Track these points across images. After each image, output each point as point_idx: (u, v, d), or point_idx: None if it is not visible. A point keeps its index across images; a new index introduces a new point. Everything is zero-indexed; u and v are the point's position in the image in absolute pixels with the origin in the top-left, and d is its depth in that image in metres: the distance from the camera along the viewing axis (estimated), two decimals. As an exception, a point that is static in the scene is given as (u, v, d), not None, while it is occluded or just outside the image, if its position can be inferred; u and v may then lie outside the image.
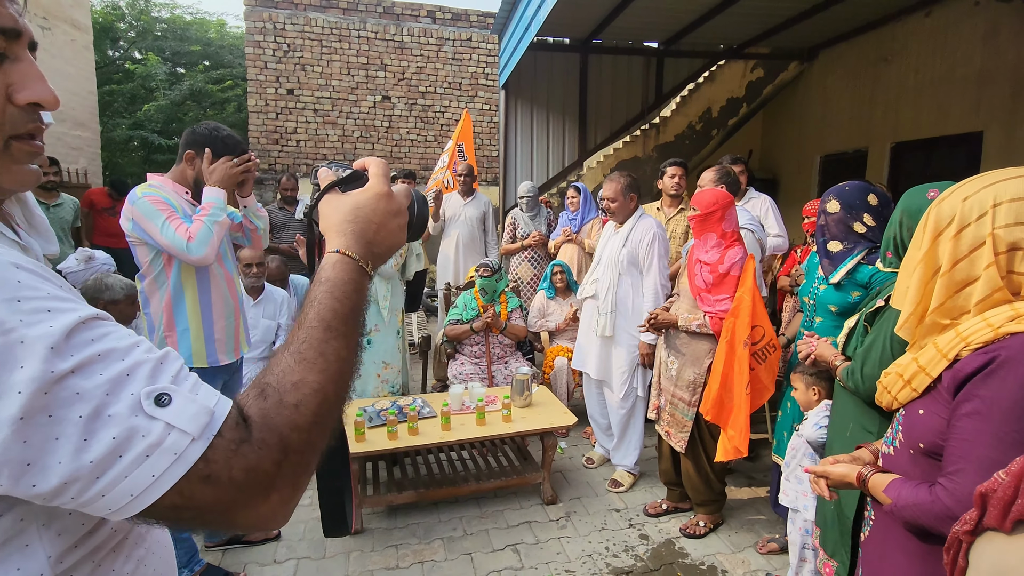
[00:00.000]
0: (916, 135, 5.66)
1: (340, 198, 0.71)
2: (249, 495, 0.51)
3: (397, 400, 3.02)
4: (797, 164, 7.39)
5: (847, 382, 1.62)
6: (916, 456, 1.11)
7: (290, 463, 0.54)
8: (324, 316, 0.61)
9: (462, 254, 4.85)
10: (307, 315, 0.61)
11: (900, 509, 1.07)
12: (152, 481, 0.48)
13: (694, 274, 2.56)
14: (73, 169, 7.39)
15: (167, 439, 0.48)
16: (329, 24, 7.86)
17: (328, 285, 0.63)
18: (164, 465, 0.48)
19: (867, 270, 1.94)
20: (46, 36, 7.19)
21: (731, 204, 2.50)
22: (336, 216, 0.70)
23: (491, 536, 2.64)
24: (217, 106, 10.64)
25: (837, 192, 2.05)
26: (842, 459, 1.31)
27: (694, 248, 2.61)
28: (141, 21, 11.76)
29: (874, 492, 1.15)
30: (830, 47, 6.71)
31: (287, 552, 2.50)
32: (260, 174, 7.95)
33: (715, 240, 2.49)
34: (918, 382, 1.09)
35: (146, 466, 0.47)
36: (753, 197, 3.48)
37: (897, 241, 1.65)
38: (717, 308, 2.45)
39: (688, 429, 2.57)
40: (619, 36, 6.45)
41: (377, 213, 0.70)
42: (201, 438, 0.50)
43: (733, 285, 2.43)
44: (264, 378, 0.56)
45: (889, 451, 1.20)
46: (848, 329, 1.79)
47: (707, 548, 2.57)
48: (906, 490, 1.07)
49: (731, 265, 2.44)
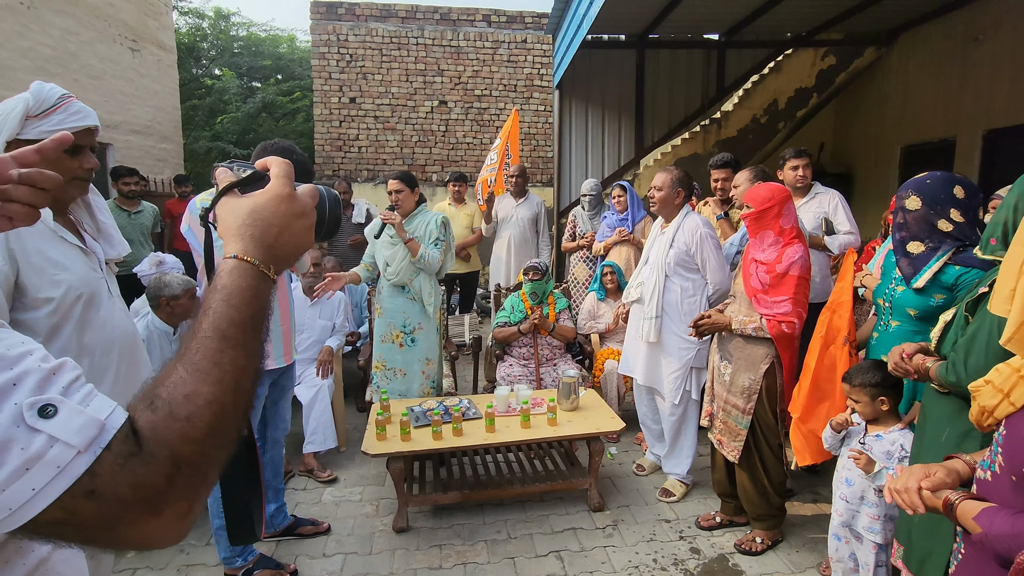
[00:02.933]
0: (1013, 121, 5.12)
1: (238, 200, 0.68)
2: (137, 512, 0.49)
3: (444, 400, 3.04)
4: (874, 156, 6.88)
5: (945, 378, 1.43)
6: (1020, 484, 0.95)
7: (183, 476, 0.52)
8: (220, 325, 0.59)
9: (514, 255, 4.85)
10: (201, 325, 0.59)
11: (992, 540, 0.93)
12: (32, 495, 0.46)
13: (749, 274, 2.42)
14: (159, 179, 8.00)
15: (49, 452, 0.47)
16: (389, 33, 8.09)
17: (224, 293, 0.61)
18: (45, 479, 0.46)
19: (953, 271, 1.75)
20: (135, 57, 7.83)
21: (788, 199, 2.34)
22: (233, 219, 0.67)
23: (535, 541, 2.60)
24: (288, 116, 11.21)
25: (916, 186, 1.85)
26: (932, 472, 1.13)
27: (749, 247, 2.47)
28: (220, 40, 12.58)
29: (963, 520, 1.01)
30: (911, 29, 6.20)
31: (336, 546, 2.57)
32: (326, 180, 8.30)
33: (772, 238, 2.35)
34: (1018, 395, 0.94)
35: (26, 479, 0.46)
36: (820, 192, 3.26)
37: (1008, 226, 1.42)
38: (775, 311, 2.30)
39: (742, 438, 2.43)
40: (677, 29, 6.24)
41: (278, 216, 0.67)
42: (88, 451, 0.48)
43: (792, 286, 2.27)
44: (155, 390, 0.54)
45: (986, 476, 1.04)
46: (944, 323, 1.59)
47: (764, 567, 2.42)
48: (1001, 518, 0.93)
49: (790, 264, 2.28)
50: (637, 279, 3.01)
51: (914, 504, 1.09)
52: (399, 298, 3.21)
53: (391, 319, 3.24)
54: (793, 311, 2.27)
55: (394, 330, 3.24)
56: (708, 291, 2.83)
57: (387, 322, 3.25)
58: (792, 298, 2.28)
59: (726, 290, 2.82)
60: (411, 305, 3.21)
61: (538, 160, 8.66)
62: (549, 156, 8.50)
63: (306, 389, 3.25)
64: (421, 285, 3.18)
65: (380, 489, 3.05)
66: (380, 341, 3.29)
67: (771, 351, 2.37)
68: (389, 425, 2.76)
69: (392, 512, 2.76)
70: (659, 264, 2.84)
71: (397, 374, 3.27)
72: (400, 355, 3.25)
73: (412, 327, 3.23)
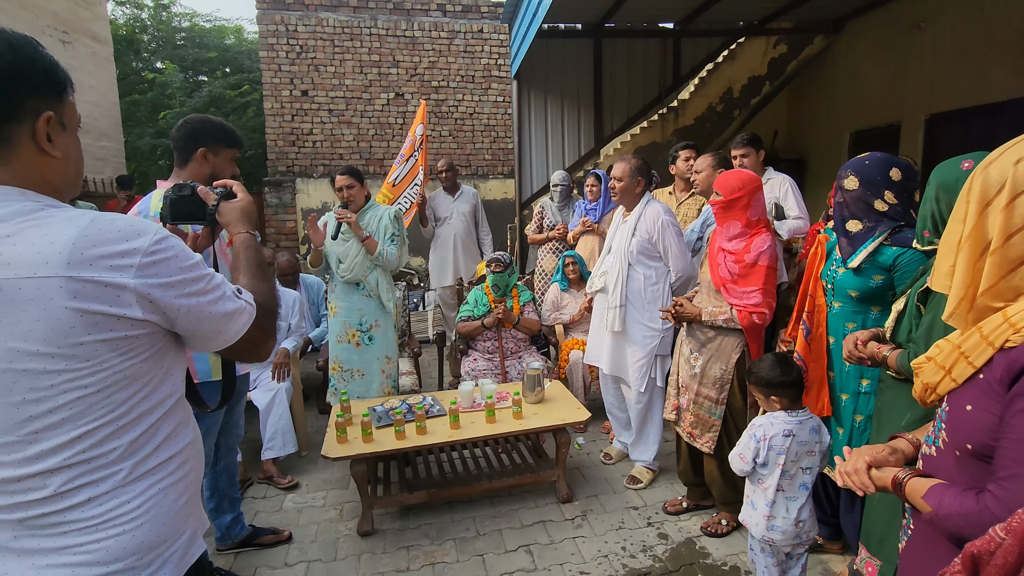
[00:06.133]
0: (953, 105, 5.33)
1: (230, 204, 1.22)
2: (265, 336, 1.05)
3: (407, 399, 2.96)
4: (826, 142, 7.08)
5: (906, 367, 1.46)
6: (964, 459, 0.96)
7: (271, 325, 1.07)
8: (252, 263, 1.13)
9: (461, 251, 4.77)
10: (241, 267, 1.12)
11: (942, 519, 0.93)
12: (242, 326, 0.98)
13: (717, 264, 2.41)
14: (99, 179, 7.58)
15: (246, 308, 0.99)
16: (340, 23, 7.85)
17: (247, 251, 1.15)
18: (247, 319, 0.99)
19: (891, 252, 1.78)
20: (67, 50, 7.37)
21: (758, 189, 2.33)
22: (236, 215, 1.21)
23: (504, 536, 2.56)
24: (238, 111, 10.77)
25: (855, 166, 1.89)
26: (877, 452, 1.14)
27: (716, 235, 2.46)
28: (161, 31, 11.98)
29: (912, 499, 1.01)
30: (858, 17, 6.38)
31: (298, 554, 2.48)
32: (279, 177, 8.03)
33: (739, 228, 2.33)
34: (959, 371, 0.94)
35: (242, 319, 0.98)
36: (772, 178, 3.30)
37: (936, 218, 1.51)
38: (745, 302, 2.30)
39: (717, 429, 2.43)
40: (633, 18, 6.25)
41: (252, 210, 1.24)
42: (252, 308, 1.00)
43: (762, 276, 2.27)
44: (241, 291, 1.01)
45: (931, 451, 1.04)
46: (896, 313, 1.63)
47: (729, 547, 2.44)
48: (949, 497, 0.93)
49: (759, 254, 2.28)
50: (600, 269, 2.99)
51: (864, 484, 1.10)
52: (354, 295, 3.11)
53: (346, 317, 3.13)
54: (763, 301, 2.27)
55: (350, 329, 3.13)
56: (671, 278, 2.83)
57: (342, 321, 3.14)
58: (762, 288, 2.28)
59: (688, 276, 2.82)
60: (367, 302, 3.12)
61: (499, 152, 8.59)
62: (509, 148, 8.44)
63: (262, 393, 3.12)
64: (377, 280, 3.08)
65: (344, 493, 2.96)
66: (336, 341, 3.17)
67: (741, 341, 2.38)
68: (350, 427, 2.67)
69: (357, 516, 2.68)
70: (622, 253, 2.82)
71: (355, 375, 3.17)
72: (357, 355, 3.15)
73: (369, 324, 3.13)
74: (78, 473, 0.81)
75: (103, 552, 0.82)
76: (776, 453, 1.85)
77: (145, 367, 0.87)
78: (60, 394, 0.79)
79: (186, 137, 1.91)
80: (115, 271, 0.80)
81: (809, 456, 1.88)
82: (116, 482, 0.84)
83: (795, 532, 1.86)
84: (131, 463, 0.86)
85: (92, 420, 0.81)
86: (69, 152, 0.88)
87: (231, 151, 1.97)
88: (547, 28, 5.65)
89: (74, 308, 0.77)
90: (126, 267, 0.81)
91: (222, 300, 0.93)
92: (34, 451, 0.79)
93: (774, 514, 1.87)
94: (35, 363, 0.77)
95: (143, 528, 0.86)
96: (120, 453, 0.84)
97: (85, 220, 0.80)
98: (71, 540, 0.81)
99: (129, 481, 0.85)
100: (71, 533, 0.81)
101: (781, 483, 1.86)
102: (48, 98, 0.84)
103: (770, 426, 1.88)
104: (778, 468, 1.85)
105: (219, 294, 0.93)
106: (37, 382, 0.77)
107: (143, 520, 0.86)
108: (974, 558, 0.66)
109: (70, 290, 0.77)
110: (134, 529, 0.85)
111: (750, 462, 1.89)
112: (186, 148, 1.91)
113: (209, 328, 0.93)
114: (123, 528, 0.84)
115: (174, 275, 0.86)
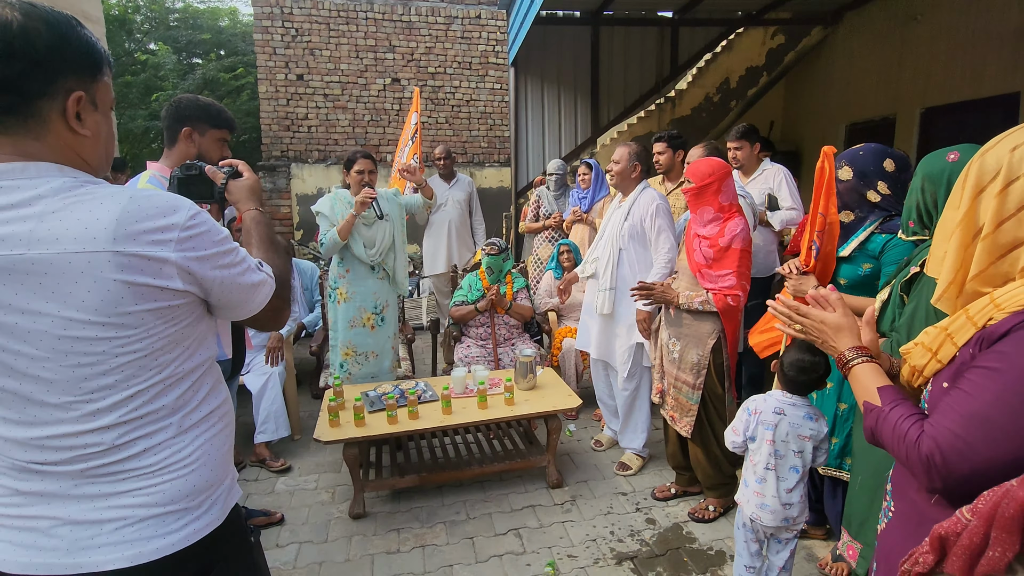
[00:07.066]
0: (948, 99, 5.35)
1: (238, 183, 1.29)
2: (284, 305, 1.13)
3: (400, 384, 2.98)
4: (821, 134, 7.09)
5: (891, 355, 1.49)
6: None
7: (287, 294, 1.15)
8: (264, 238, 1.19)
9: (455, 238, 4.77)
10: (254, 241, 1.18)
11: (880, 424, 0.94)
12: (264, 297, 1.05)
13: (693, 249, 2.44)
14: (91, 161, 7.51)
15: (267, 280, 1.06)
16: (336, 6, 7.75)
17: (258, 227, 1.21)
18: (268, 291, 1.06)
19: (879, 239, 1.81)
20: (59, 29, 7.26)
21: (728, 175, 2.36)
22: (245, 193, 1.28)
23: (494, 520, 2.60)
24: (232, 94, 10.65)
25: (850, 157, 1.91)
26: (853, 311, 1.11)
27: (691, 222, 2.49)
28: (154, 12, 11.80)
29: (857, 383, 1.00)
30: (856, 9, 6.37)
31: (289, 536, 2.51)
32: (273, 161, 7.97)
33: (712, 213, 2.37)
34: (944, 352, 0.94)
35: (264, 291, 1.05)
36: (767, 168, 3.32)
37: (921, 209, 1.54)
38: (720, 285, 2.33)
39: (694, 413, 2.48)
40: (631, 6, 6.22)
41: (258, 187, 1.31)
42: (272, 280, 1.08)
43: (736, 259, 2.31)
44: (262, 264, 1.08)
45: None
46: (881, 302, 1.66)
47: (716, 533, 2.49)
48: (901, 409, 0.93)
49: (732, 237, 2.31)
50: (593, 254, 3.00)
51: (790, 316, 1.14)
52: (370, 280, 3.19)
53: (362, 302, 3.18)
54: (737, 284, 2.31)
55: (365, 313, 3.19)
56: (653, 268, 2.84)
57: (357, 306, 3.18)
58: (736, 271, 2.31)
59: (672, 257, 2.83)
60: (381, 284, 3.23)
61: (495, 139, 8.55)
62: (506, 135, 8.40)
63: (255, 377, 3.13)
64: (396, 258, 3.23)
65: (336, 476, 2.98)
66: (349, 327, 3.19)
67: (717, 326, 2.41)
68: (342, 411, 2.69)
69: (348, 499, 2.71)
70: (614, 236, 2.84)
71: (369, 357, 3.23)
72: (371, 337, 3.22)
73: (382, 306, 3.23)
74: (133, 427, 0.89)
75: (159, 495, 0.91)
76: (765, 428, 1.87)
77: (186, 332, 0.94)
78: (112, 358, 0.86)
79: (171, 116, 1.88)
80: (157, 245, 0.86)
81: (800, 439, 1.90)
82: (168, 434, 0.93)
83: (783, 514, 1.89)
84: (179, 417, 0.95)
85: (142, 380, 0.89)
86: (99, 131, 0.91)
87: (217, 131, 1.91)
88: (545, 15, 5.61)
89: (122, 280, 0.83)
90: (167, 241, 0.87)
91: (248, 272, 1.01)
92: (91, 408, 0.86)
93: (763, 492, 1.90)
94: (88, 331, 0.83)
95: (195, 474, 0.96)
96: (169, 409, 0.93)
97: (124, 197, 0.85)
98: (130, 485, 0.89)
99: (179, 432, 0.95)
100: (130, 479, 0.90)
101: (771, 462, 1.89)
102: (82, 77, 0.86)
103: (763, 402, 1.90)
104: (766, 444, 1.86)
105: (246, 266, 1.00)
106: (91, 348, 0.84)
107: (195, 467, 0.96)
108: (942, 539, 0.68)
109: (117, 263, 0.82)
110: (188, 474, 0.95)
111: (741, 435, 1.91)
112: (171, 127, 1.89)
113: (238, 298, 1.00)
114: (177, 473, 0.94)
115: (209, 248, 0.92)
